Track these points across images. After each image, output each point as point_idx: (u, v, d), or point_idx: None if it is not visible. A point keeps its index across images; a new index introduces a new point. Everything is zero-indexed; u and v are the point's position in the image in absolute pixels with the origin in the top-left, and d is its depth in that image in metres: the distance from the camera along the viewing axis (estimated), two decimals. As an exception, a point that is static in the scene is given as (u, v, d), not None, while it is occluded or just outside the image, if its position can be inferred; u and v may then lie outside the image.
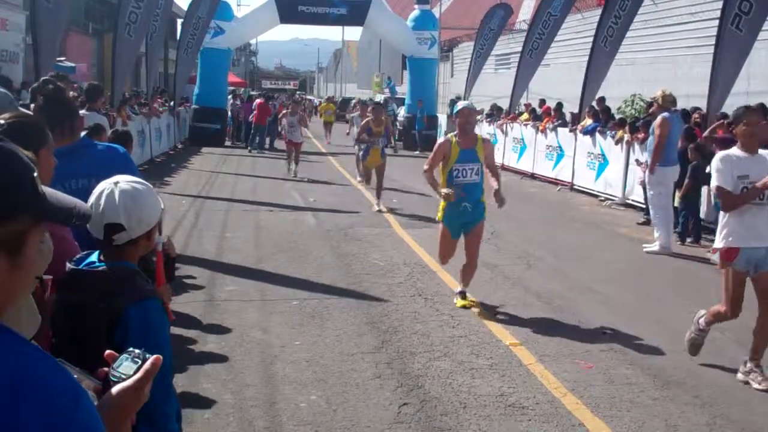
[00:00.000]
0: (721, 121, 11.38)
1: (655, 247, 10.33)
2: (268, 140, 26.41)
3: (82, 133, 4.06)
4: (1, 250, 1.21)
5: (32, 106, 4.10)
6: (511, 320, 7.04)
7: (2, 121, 2.74)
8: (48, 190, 1.31)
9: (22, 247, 1.24)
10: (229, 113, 28.75)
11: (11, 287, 1.25)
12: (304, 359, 5.83)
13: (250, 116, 26.24)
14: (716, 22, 12.61)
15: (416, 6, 29.83)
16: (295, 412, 4.88)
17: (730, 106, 12.88)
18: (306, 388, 5.28)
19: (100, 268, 2.38)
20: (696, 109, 13.33)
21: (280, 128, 21.46)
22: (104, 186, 2.42)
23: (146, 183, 2.52)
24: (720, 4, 12.82)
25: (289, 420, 4.76)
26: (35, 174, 1.26)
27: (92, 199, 2.40)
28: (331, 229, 11.38)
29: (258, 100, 26.77)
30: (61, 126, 3.72)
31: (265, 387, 5.28)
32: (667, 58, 20.42)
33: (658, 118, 10.36)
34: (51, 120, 3.77)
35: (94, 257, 2.43)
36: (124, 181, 2.44)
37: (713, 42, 12.51)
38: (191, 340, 6.11)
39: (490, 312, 7.26)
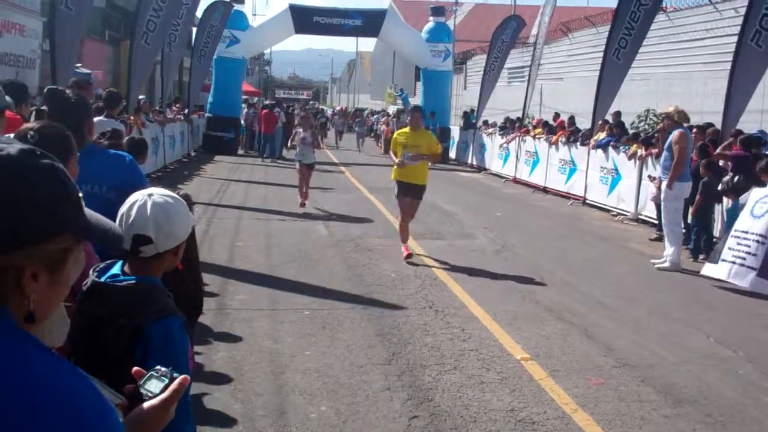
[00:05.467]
0: (733, 138, 11.33)
1: (665, 263, 10.27)
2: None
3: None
4: (44, 265, 1.23)
5: (44, 108, 4.18)
6: (522, 334, 7.01)
7: (32, 132, 2.76)
8: (87, 211, 1.33)
9: (63, 264, 1.27)
10: (243, 122, 28.87)
11: (50, 302, 1.28)
12: (314, 370, 5.83)
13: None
14: (732, 39, 12.60)
15: (431, 18, 29.91)
16: (304, 422, 4.87)
17: (744, 122, 12.87)
18: (316, 398, 5.27)
19: (124, 282, 2.36)
20: (710, 125, 13.29)
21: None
22: (137, 197, 2.41)
23: (180, 198, 2.50)
24: (736, 21, 12.82)
25: (299, 431, 4.75)
26: (80, 194, 1.29)
27: (124, 208, 2.39)
28: (343, 238, 11.38)
29: (263, 111, 26.92)
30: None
31: (274, 397, 5.28)
32: (682, 74, 20.37)
33: (675, 134, 10.22)
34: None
35: (116, 269, 2.42)
36: (158, 194, 2.42)
37: (728, 58, 12.49)
38: (201, 348, 6.11)
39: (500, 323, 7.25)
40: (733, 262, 9.13)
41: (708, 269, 9.59)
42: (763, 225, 8.99)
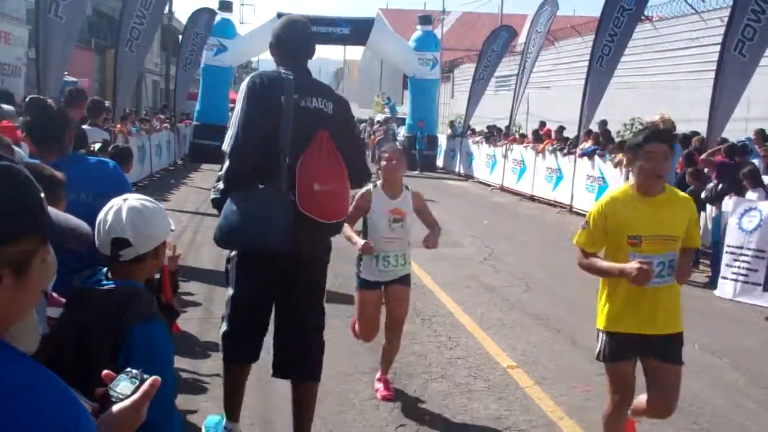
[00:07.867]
0: (719, 147, 11.40)
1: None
2: None
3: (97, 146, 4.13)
4: (9, 268, 1.22)
5: (20, 119, 4.19)
6: (509, 342, 7.01)
7: None
8: (52, 210, 1.32)
9: (28, 266, 1.25)
10: (230, 130, 28.78)
11: (18, 304, 1.26)
12: (301, 378, 5.79)
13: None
14: (718, 48, 12.65)
15: (418, 27, 29.96)
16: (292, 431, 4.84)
17: (730, 131, 12.94)
18: (302, 407, 5.24)
19: (106, 287, 2.36)
20: (695, 133, 13.35)
21: None
22: (113, 203, 2.44)
23: (156, 202, 2.54)
24: (722, 30, 12.88)
25: (285, 440, 4.72)
26: (42, 195, 1.27)
27: (101, 215, 2.41)
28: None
29: None
30: (48, 141, 3.82)
31: (262, 406, 5.26)
32: (668, 83, 20.49)
33: None
34: (39, 135, 3.86)
35: (99, 275, 2.43)
36: (133, 198, 2.46)
37: (714, 67, 12.55)
38: (188, 357, 6.08)
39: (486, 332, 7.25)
40: (735, 280, 9.13)
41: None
42: (759, 239, 9.01)
